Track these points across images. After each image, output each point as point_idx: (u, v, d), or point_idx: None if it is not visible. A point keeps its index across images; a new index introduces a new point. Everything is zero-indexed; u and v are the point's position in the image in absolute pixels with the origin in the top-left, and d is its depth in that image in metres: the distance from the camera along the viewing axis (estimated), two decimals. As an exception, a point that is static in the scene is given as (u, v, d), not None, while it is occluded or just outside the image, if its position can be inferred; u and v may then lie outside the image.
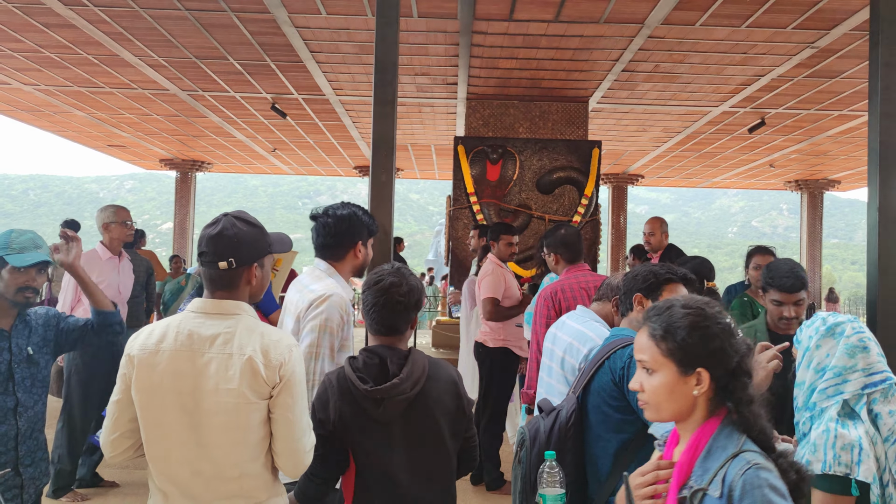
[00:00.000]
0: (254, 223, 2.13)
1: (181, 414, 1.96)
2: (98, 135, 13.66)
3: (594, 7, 6.72)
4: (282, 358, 1.99)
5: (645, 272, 2.49)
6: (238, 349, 1.96)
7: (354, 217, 2.89)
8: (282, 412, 2.00)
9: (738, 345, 1.67)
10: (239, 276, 2.06)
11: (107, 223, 5.21)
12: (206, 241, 2.05)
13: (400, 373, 2.21)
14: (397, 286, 2.30)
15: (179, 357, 1.97)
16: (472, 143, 9.44)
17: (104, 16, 7.16)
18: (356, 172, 17.23)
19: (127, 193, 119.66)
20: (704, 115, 10.63)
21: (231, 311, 2.04)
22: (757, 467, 1.53)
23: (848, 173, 15.67)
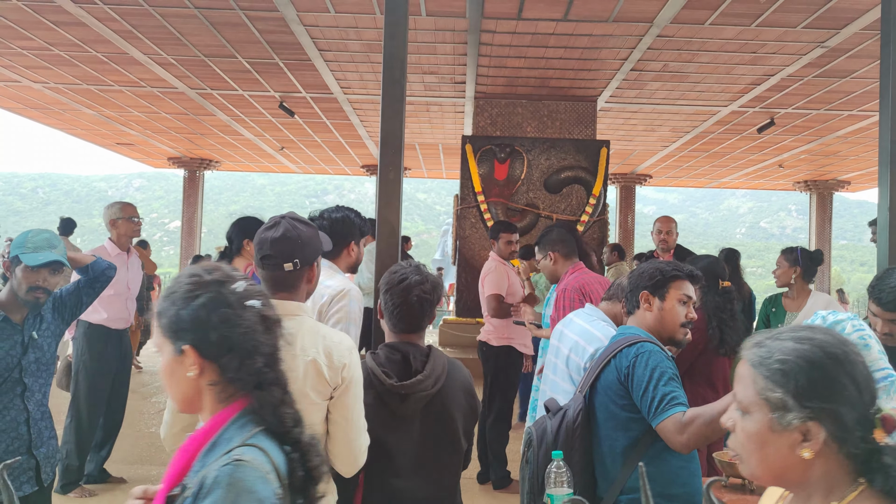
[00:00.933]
0: (309, 223, 2.17)
1: None
2: (107, 133, 13.70)
3: (603, 6, 6.70)
4: (345, 360, 2.04)
5: (651, 269, 2.46)
6: (301, 350, 1.99)
7: (347, 219, 3.11)
8: (342, 413, 2.03)
9: None
10: (301, 276, 2.11)
11: (114, 219, 5.23)
12: (269, 243, 2.07)
13: (423, 369, 2.23)
14: (421, 284, 2.32)
15: None
16: (479, 143, 9.43)
17: (113, 14, 7.17)
18: (364, 171, 17.23)
19: (135, 192, 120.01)
20: (713, 114, 10.59)
21: (293, 312, 2.06)
22: (237, 463, 1.26)
23: (858, 174, 15.59)
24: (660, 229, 6.16)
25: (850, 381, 1.20)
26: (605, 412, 2.29)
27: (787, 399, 1.20)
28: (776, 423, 1.21)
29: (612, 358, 2.30)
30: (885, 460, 1.17)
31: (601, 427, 2.29)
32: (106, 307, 5.05)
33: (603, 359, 2.33)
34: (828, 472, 1.21)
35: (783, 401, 1.21)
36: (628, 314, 2.48)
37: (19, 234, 2.86)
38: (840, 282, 54.60)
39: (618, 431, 2.26)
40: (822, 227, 16.92)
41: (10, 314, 2.83)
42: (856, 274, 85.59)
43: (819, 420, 1.19)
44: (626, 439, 2.25)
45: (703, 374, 3.73)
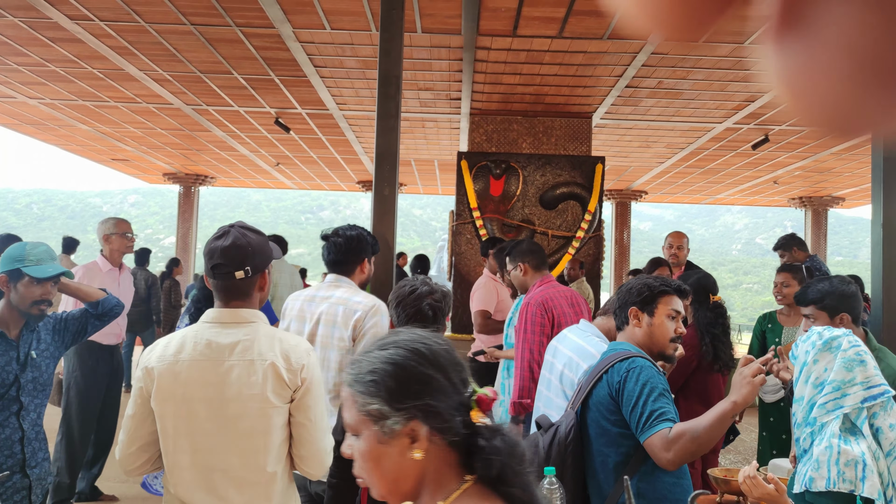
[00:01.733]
0: (258, 231, 2.19)
1: (205, 421, 2.00)
2: (102, 149, 13.70)
3: (597, 23, 6.74)
4: (303, 361, 2.06)
5: (639, 285, 2.44)
6: (259, 355, 2.01)
7: (361, 237, 3.24)
8: (304, 414, 2.05)
9: None
10: (253, 283, 2.12)
11: (107, 235, 5.21)
12: (219, 252, 2.08)
13: None
14: (431, 293, 2.39)
15: (200, 366, 2.01)
16: (475, 159, 9.44)
17: (110, 30, 7.20)
18: (359, 187, 17.26)
19: (130, 207, 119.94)
20: (708, 131, 10.64)
21: (247, 318, 2.08)
22: None
23: (852, 190, 15.65)
24: (671, 244, 6.09)
25: (436, 370, 1.21)
26: (597, 428, 2.27)
27: (383, 407, 1.20)
28: (381, 434, 1.20)
29: (604, 373, 2.29)
30: (480, 442, 1.17)
31: (593, 443, 2.28)
32: None
33: (595, 374, 2.32)
34: (438, 470, 1.19)
35: (381, 410, 1.20)
36: (618, 330, 2.48)
37: (10, 248, 2.84)
38: (835, 298, 54.54)
39: (609, 447, 2.24)
40: (817, 244, 16.97)
41: (7, 330, 2.81)
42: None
43: (418, 418, 1.18)
44: (618, 455, 2.23)
45: (698, 391, 3.72)
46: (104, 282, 5.13)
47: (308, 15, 6.65)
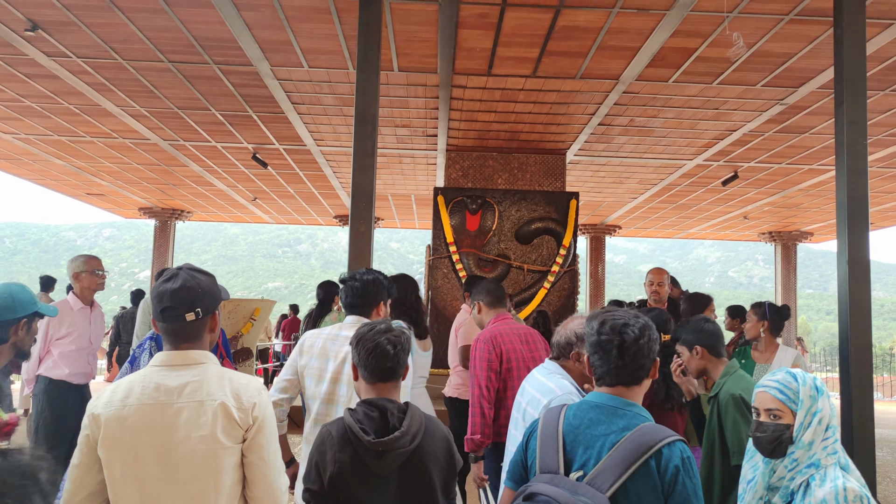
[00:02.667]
0: (207, 273, 2.18)
1: (154, 467, 1.96)
2: (77, 183, 13.63)
3: (570, 63, 6.90)
4: (253, 400, 2.04)
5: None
6: (208, 395, 1.99)
7: (377, 281, 3.37)
8: (257, 454, 2.03)
9: None
10: (203, 325, 2.11)
11: (77, 273, 5.15)
12: (169, 295, 2.06)
13: (401, 425, 2.21)
14: (388, 330, 2.36)
15: (148, 410, 1.98)
16: (451, 194, 9.54)
17: (87, 67, 7.23)
18: (336, 221, 17.28)
19: (105, 241, 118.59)
20: (679, 167, 10.85)
21: (197, 360, 2.07)
22: None
23: (820, 225, 15.98)
24: (651, 280, 6.02)
25: None
26: None
27: None
28: None
29: (649, 458, 1.93)
30: None
31: None
32: (68, 363, 4.98)
33: (633, 456, 1.94)
34: None
35: None
36: (632, 385, 2.12)
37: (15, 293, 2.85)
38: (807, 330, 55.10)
39: None
40: (787, 277, 17.24)
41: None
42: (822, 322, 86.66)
43: None
44: None
45: None
46: (75, 320, 5.07)
47: (286, 53, 6.74)
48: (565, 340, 2.81)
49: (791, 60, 6.56)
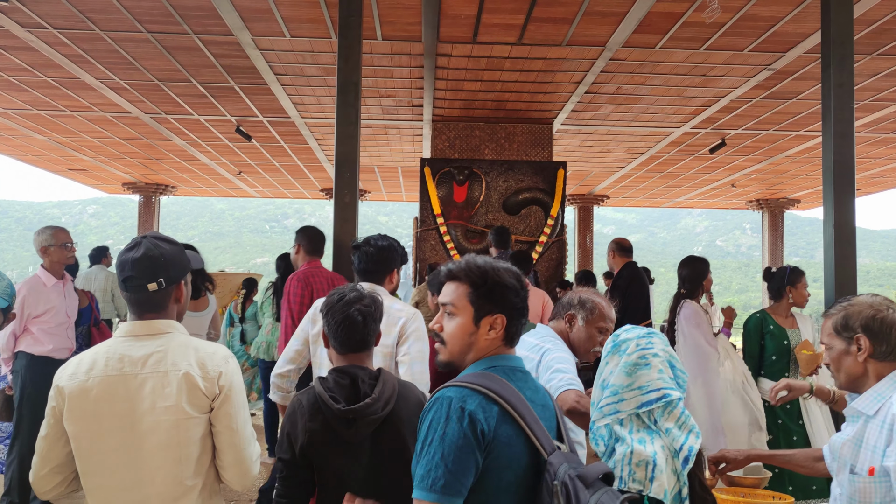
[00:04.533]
0: (173, 241, 2.14)
1: (119, 438, 1.95)
2: (59, 159, 13.45)
3: (556, 30, 6.82)
4: (219, 368, 2.01)
5: None
6: (173, 365, 1.97)
7: (392, 247, 3.36)
8: (225, 423, 2.01)
9: None
10: (168, 295, 2.07)
11: (45, 247, 5.02)
12: (130, 264, 2.02)
13: (372, 392, 2.20)
14: (360, 299, 2.33)
15: (112, 381, 1.96)
16: (438, 165, 9.47)
17: (64, 38, 7.08)
18: (323, 195, 17.18)
19: (90, 218, 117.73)
20: (667, 135, 10.81)
21: (162, 329, 2.04)
22: None
23: (807, 192, 16.02)
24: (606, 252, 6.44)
25: None
26: None
27: None
28: None
29: None
30: None
31: None
32: (50, 338, 4.92)
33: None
34: None
35: None
36: None
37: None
38: (794, 298, 55.62)
39: None
40: (774, 245, 17.32)
41: None
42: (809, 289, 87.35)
43: None
44: None
45: None
46: (50, 297, 4.99)
47: (267, 22, 6.62)
48: (567, 301, 2.83)
49: (778, 24, 6.50)
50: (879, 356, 2.12)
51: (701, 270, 5.12)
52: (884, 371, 2.11)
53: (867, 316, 2.14)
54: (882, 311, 2.14)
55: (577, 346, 2.76)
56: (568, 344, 2.75)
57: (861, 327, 2.14)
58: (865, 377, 2.13)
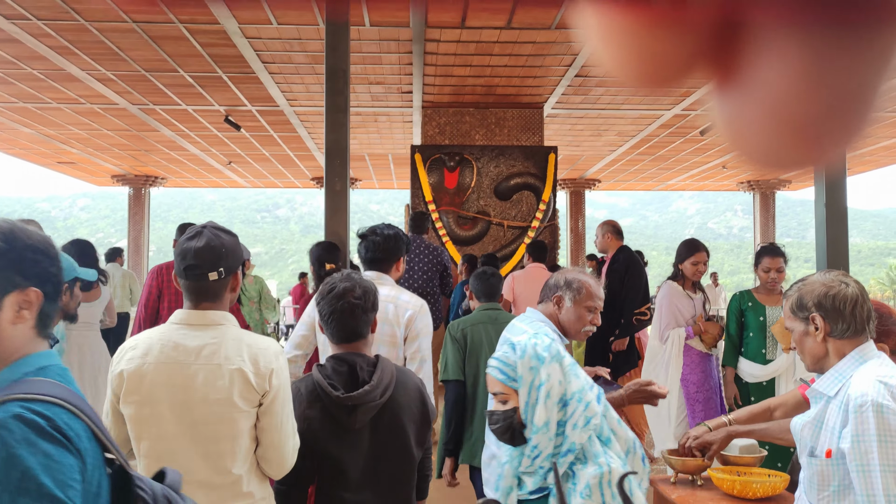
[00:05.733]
0: (231, 232, 2.16)
1: (171, 424, 1.98)
2: (47, 152, 13.35)
3: (545, 13, 6.78)
4: (271, 366, 2.03)
5: None
6: (226, 359, 1.99)
7: (398, 236, 3.37)
8: (270, 419, 2.02)
9: None
10: (225, 285, 2.09)
11: None
12: (193, 253, 2.04)
13: (370, 379, 2.20)
14: (351, 290, 2.30)
15: (166, 369, 1.99)
16: (428, 152, 9.44)
17: (48, 29, 7.00)
18: (314, 184, 17.12)
19: (80, 212, 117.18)
20: (657, 118, 10.80)
21: (216, 321, 2.05)
22: None
23: (798, 173, 16.06)
24: (595, 234, 6.54)
25: None
26: None
27: None
28: None
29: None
30: None
31: None
32: None
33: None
34: None
35: None
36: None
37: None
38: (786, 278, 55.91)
39: None
40: (766, 226, 17.37)
41: None
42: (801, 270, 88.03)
43: None
44: None
45: None
46: None
47: (253, 10, 6.57)
48: (553, 283, 2.82)
49: (767, 4, 6.48)
50: (838, 334, 1.99)
51: (679, 252, 5.17)
52: (844, 349, 1.99)
53: (820, 293, 2.02)
54: (835, 287, 2.01)
55: (567, 328, 2.75)
56: (558, 326, 2.75)
57: (815, 306, 2.02)
58: (827, 357, 2.02)
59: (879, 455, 1.76)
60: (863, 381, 1.87)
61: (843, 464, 1.86)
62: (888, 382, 1.85)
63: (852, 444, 1.82)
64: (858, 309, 1.98)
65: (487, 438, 2.85)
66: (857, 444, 1.81)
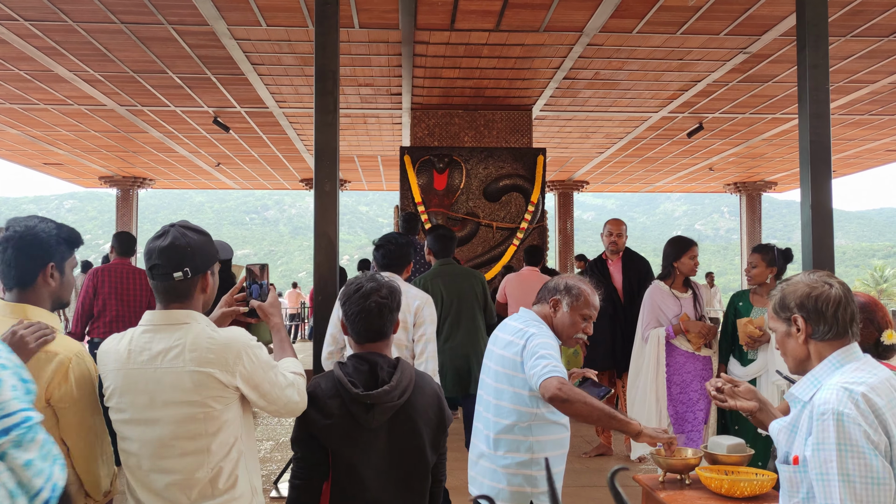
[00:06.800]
0: (201, 231, 2.13)
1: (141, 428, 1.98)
2: (33, 153, 13.26)
3: (533, 16, 6.81)
4: (238, 357, 2.00)
5: None
6: (191, 361, 1.96)
7: (409, 243, 4.08)
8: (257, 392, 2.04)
9: None
10: (193, 285, 2.06)
11: None
12: (157, 253, 2.02)
13: (390, 380, 2.20)
14: (377, 290, 2.29)
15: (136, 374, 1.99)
16: (418, 153, 9.46)
17: (36, 30, 6.97)
18: (303, 185, 17.09)
19: (67, 213, 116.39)
20: (645, 120, 10.86)
21: (181, 320, 2.02)
22: None
23: (783, 174, 16.18)
24: (610, 231, 6.11)
25: None
26: None
27: None
28: None
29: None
30: None
31: None
32: None
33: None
34: None
35: None
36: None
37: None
38: (773, 280, 56.31)
39: None
40: (752, 228, 17.49)
41: None
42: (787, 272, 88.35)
43: None
44: None
45: None
46: None
47: (242, 11, 6.56)
48: (552, 286, 2.84)
49: (753, 7, 6.54)
50: (819, 336, 1.92)
51: (668, 252, 5.13)
52: (825, 352, 1.92)
53: (802, 294, 1.94)
54: (818, 288, 1.94)
55: (559, 332, 2.77)
56: (551, 328, 2.77)
57: (796, 306, 1.95)
58: (809, 360, 1.95)
59: (838, 464, 1.71)
60: (829, 388, 1.82)
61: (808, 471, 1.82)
62: (852, 390, 1.78)
63: (813, 452, 1.78)
64: (841, 311, 1.91)
65: (475, 437, 2.85)
66: (817, 453, 1.77)
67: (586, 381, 2.94)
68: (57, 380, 2.04)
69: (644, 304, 5.18)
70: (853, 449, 1.72)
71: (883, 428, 1.75)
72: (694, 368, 5.02)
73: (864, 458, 1.71)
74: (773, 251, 4.93)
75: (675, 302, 5.04)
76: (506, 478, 2.67)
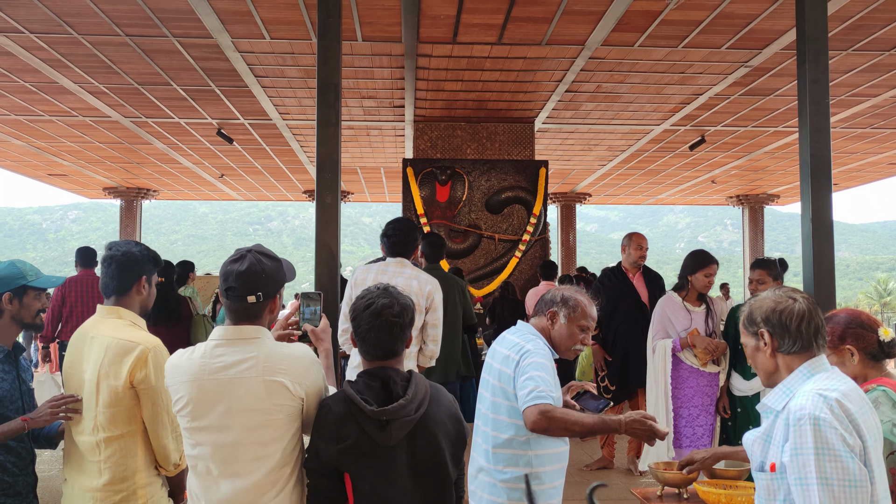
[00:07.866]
0: (274, 257, 2.27)
1: (216, 437, 2.09)
2: (38, 164, 13.33)
3: (536, 29, 6.85)
4: (308, 372, 2.16)
5: None
6: (265, 371, 2.10)
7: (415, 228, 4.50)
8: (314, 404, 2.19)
9: None
10: (263, 308, 2.21)
11: None
12: (234, 276, 2.16)
13: (405, 393, 2.12)
14: (390, 307, 2.20)
15: (211, 385, 2.10)
16: (420, 165, 9.49)
17: (41, 42, 7.02)
18: (306, 197, 17.13)
19: (71, 224, 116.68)
20: (647, 133, 10.88)
21: (252, 335, 2.16)
22: None
23: (786, 187, 16.18)
24: (640, 244, 6.19)
25: None
26: None
27: None
28: None
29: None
30: None
31: None
32: None
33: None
34: None
35: None
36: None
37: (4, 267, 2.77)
38: (776, 292, 56.17)
39: None
40: (755, 240, 17.47)
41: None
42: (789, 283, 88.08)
43: None
44: None
45: None
46: None
47: (246, 24, 6.61)
48: (549, 298, 2.83)
49: (754, 22, 6.57)
50: (785, 349, 1.98)
51: (686, 264, 5.18)
52: (793, 364, 1.97)
53: (767, 309, 2.01)
54: (782, 303, 2.00)
55: (557, 344, 2.76)
56: (549, 341, 2.76)
57: (763, 321, 2.02)
58: (778, 372, 2.00)
59: (817, 468, 1.75)
60: (804, 395, 1.87)
61: (786, 477, 1.85)
62: (827, 395, 1.83)
63: (791, 458, 1.81)
64: (805, 325, 1.96)
65: (475, 451, 2.84)
66: (795, 458, 1.80)
67: (585, 394, 2.93)
68: (139, 366, 2.47)
69: (654, 314, 5.22)
70: (830, 452, 1.77)
71: (857, 432, 1.81)
72: (697, 384, 5.01)
73: (841, 462, 1.76)
74: (776, 265, 4.99)
75: (685, 315, 5.04)
76: (505, 492, 2.65)
